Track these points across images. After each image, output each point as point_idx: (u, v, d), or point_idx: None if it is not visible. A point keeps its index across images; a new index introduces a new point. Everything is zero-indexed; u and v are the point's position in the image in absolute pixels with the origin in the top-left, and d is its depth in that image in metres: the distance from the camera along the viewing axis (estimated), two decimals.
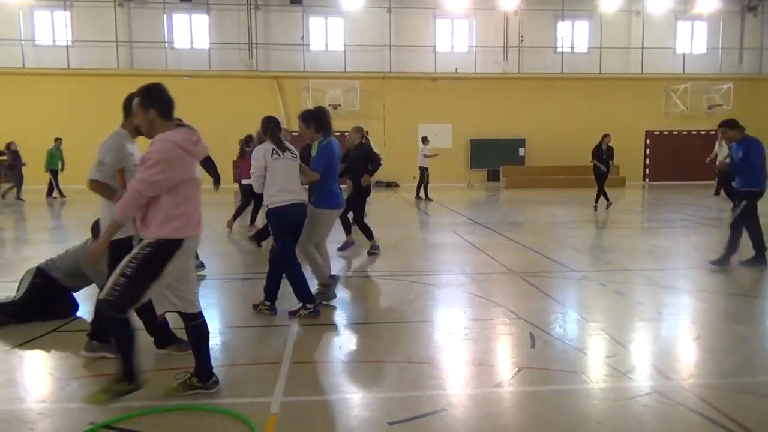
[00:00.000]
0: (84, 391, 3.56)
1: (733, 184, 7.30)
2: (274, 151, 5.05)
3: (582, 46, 24.78)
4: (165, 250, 3.14)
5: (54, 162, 17.67)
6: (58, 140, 17.82)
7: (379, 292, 6.23)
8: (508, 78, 23.74)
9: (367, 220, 8.42)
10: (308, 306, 5.06)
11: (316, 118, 5.40)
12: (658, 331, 4.87)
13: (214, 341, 4.58)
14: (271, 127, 5.24)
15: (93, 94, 22.14)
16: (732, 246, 7.00)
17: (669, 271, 7.12)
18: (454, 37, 24.40)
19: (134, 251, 3.18)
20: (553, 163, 23.42)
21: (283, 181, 5.03)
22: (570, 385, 3.65)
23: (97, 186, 3.85)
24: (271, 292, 5.19)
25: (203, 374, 3.45)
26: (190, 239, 3.25)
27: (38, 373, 3.91)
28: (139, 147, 4.08)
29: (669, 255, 8.34)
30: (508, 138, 23.86)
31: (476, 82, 23.55)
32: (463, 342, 4.48)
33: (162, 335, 4.14)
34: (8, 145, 17.11)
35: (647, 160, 24.85)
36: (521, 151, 24.09)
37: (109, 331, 3.27)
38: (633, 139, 24.20)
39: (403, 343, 4.44)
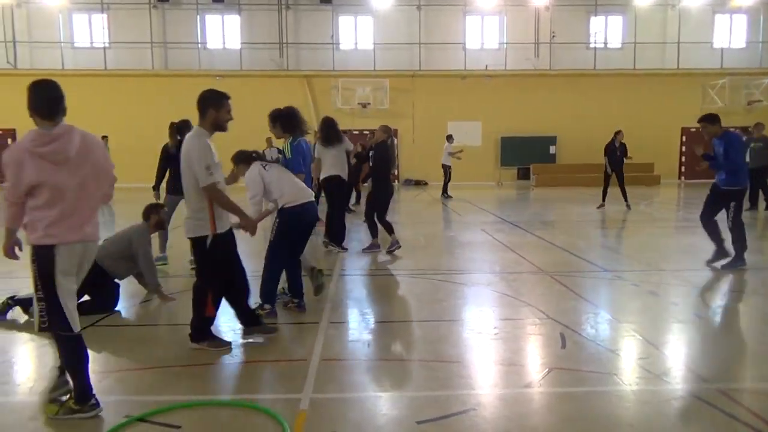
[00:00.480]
0: (120, 385, 3.66)
1: (716, 180, 7.12)
2: (264, 166, 5.10)
3: (616, 42, 24.30)
4: (41, 255, 3.04)
5: None
6: (104, 138, 17.54)
7: (408, 291, 6.23)
8: (539, 75, 23.46)
9: (390, 219, 8.34)
10: (266, 307, 5.00)
11: (283, 118, 5.55)
12: (693, 333, 4.76)
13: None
14: (250, 152, 5.31)
15: (129, 94, 22.71)
16: (740, 245, 6.84)
17: (705, 272, 6.92)
18: (484, 34, 24.21)
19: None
20: (586, 161, 23.01)
21: (289, 183, 5.11)
22: (602, 387, 3.59)
23: (214, 191, 3.95)
24: (296, 289, 5.24)
25: (81, 396, 3.18)
26: (64, 247, 3.04)
27: None
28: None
29: (705, 255, 8.11)
30: (539, 135, 23.57)
31: (506, 79, 23.32)
32: (492, 341, 4.45)
33: (249, 317, 4.39)
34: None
35: (683, 158, 24.24)
36: (552, 149, 23.77)
37: (59, 351, 3.21)
38: (668, 136, 23.68)
39: (432, 342, 4.43)
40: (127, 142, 22.74)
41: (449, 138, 17.85)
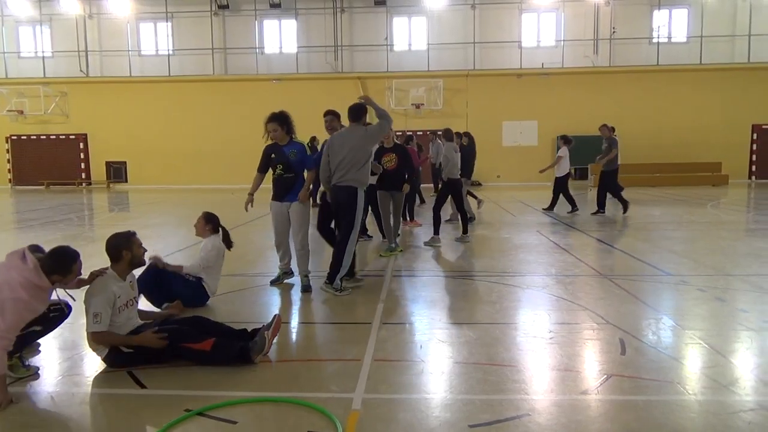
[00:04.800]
0: (181, 379, 3.80)
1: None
2: (229, 246, 5.66)
3: (681, 36, 23.35)
4: None
5: None
6: (313, 138, 15.61)
7: (461, 293, 6.18)
8: (598, 72, 22.83)
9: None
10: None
11: (288, 122, 5.97)
12: (764, 341, 4.49)
13: (300, 335, 4.73)
14: (221, 227, 5.73)
15: (191, 99, 23.58)
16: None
17: None
18: (540, 32, 23.74)
19: None
20: (648, 161, 22.23)
21: (218, 271, 5.57)
22: (664, 396, 3.45)
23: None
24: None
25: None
26: None
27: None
28: None
29: None
30: (598, 135, 22.81)
31: (564, 77, 22.81)
32: (547, 346, 4.36)
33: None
34: (312, 140, 15.30)
35: (754, 156, 23.02)
36: None
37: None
38: (738, 133, 22.59)
39: (486, 345, 4.38)
40: (189, 144, 23.64)
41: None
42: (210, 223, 5.67)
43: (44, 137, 24.48)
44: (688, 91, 22.38)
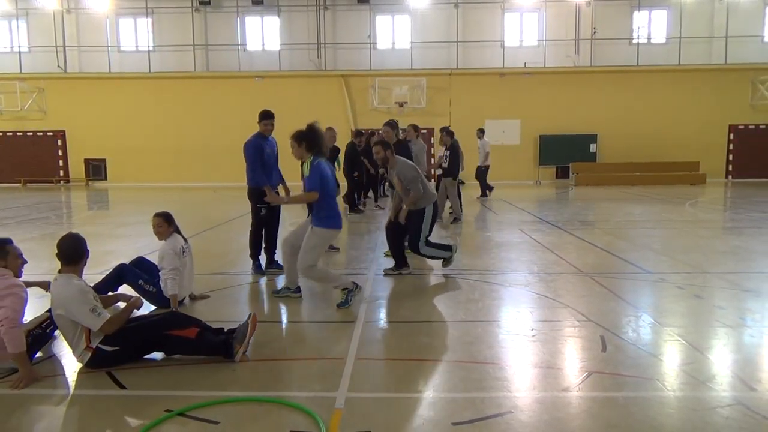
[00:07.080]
0: (161, 379, 3.75)
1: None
2: (184, 248, 5.37)
3: (660, 37, 23.63)
4: None
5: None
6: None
7: (444, 291, 6.20)
8: (579, 72, 23.02)
9: None
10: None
11: (308, 138, 5.30)
12: (740, 337, 4.58)
13: (282, 334, 4.71)
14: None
15: (172, 95, 23.31)
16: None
17: (753, 274, 6.68)
18: (523, 31, 23.88)
19: None
20: (628, 160, 22.49)
21: (188, 277, 5.40)
22: (643, 392, 3.50)
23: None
24: None
25: None
26: None
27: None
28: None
29: (753, 257, 7.83)
30: (579, 134, 23.12)
31: (546, 77, 22.96)
32: (529, 343, 4.39)
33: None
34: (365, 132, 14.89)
35: (730, 156, 23.42)
36: (593, 147, 23.28)
37: None
38: (715, 133, 22.94)
39: (468, 343, 4.40)
40: (170, 142, 23.37)
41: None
42: (172, 223, 5.36)
43: (21, 134, 24.00)
44: (667, 92, 22.68)
